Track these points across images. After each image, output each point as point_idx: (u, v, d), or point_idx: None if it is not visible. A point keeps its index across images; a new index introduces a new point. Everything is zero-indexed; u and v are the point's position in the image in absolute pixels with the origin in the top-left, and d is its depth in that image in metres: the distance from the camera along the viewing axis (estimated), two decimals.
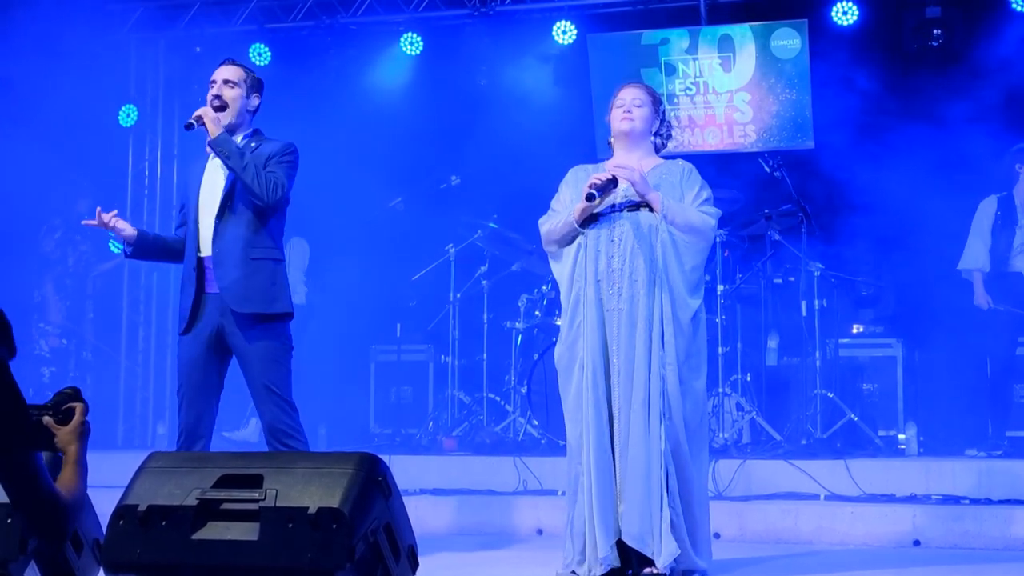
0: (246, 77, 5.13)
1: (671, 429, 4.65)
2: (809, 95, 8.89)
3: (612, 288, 4.76)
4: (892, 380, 8.08)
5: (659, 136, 5.02)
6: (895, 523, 6.00)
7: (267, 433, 4.93)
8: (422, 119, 9.30)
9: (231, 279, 4.89)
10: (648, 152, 4.97)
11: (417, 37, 9.38)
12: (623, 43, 9.27)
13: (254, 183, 4.85)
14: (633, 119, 4.90)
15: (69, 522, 2.82)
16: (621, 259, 4.77)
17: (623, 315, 4.73)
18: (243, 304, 4.88)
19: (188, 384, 4.96)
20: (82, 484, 2.94)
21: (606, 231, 4.81)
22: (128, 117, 9.62)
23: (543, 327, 8.10)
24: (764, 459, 6.81)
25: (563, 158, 5.47)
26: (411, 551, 3.52)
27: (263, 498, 3.31)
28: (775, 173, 7.50)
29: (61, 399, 3.04)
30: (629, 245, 4.77)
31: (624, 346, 4.71)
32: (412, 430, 8.48)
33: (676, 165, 4.95)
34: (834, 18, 8.70)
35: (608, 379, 4.72)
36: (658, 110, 5.00)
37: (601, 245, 4.80)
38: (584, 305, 4.78)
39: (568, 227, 4.83)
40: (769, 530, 6.14)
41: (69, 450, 2.98)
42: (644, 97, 4.95)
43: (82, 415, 3.02)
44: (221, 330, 4.93)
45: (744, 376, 7.68)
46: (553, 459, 6.81)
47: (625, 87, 5.02)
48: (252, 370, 4.89)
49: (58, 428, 2.98)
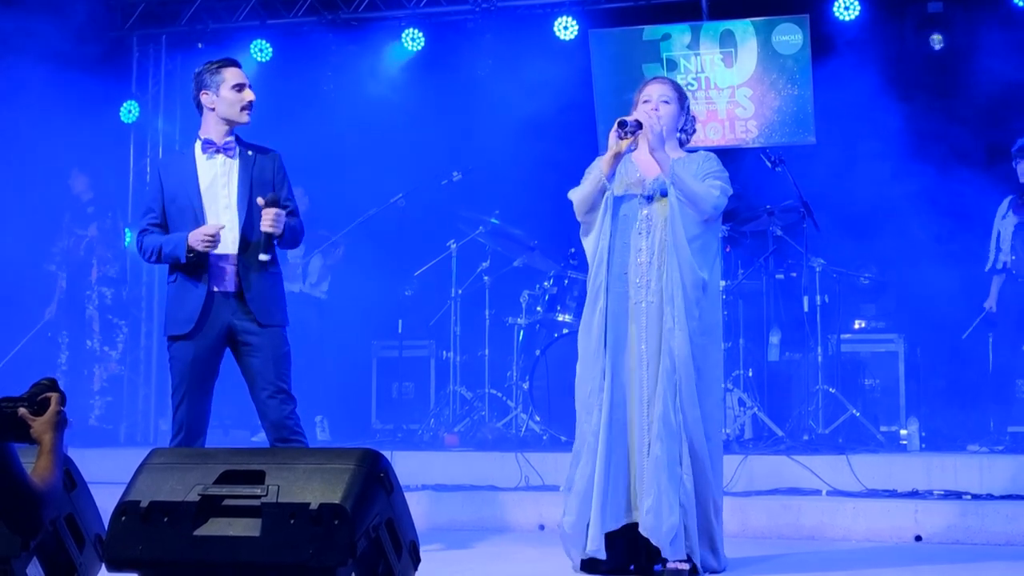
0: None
1: (691, 422, 4.67)
2: (811, 91, 8.88)
3: (640, 281, 4.79)
4: (894, 375, 8.08)
5: (684, 132, 5.04)
6: (897, 518, 5.99)
7: (275, 429, 4.95)
8: (424, 115, 9.29)
9: (257, 289, 4.97)
10: (673, 148, 4.97)
11: (419, 33, 9.37)
12: (625, 39, 9.26)
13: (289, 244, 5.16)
14: (660, 115, 4.89)
15: (43, 512, 2.81)
16: (648, 252, 4.79)
17: (652, 307, 4.75)
18: (267, 316, 4.98)
19: (191, 383, 4.96)
20: (57, 474, 2.93)
21: (635, 224, 4.82)
22: (129, 113, 9.62)
23: (545, 323, 8.10)
24: (766, 454, 6.81)
25: (565, 154, 5.48)
26: (413, 547, 3.53)
27: (265, 494, 3.32)
28: (777, 168, 7.49)
29: (37, 390, 3.04)
30: (658, 239, 4.78)
31: (652, 339, 4.73)
32: (414, 426, 8.49)
33: (696, 156, 4.99)
34: (836, 14, 8.69)
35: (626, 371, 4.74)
36: (684, 106, 5.01)
37: (631, 237, 4.82)
38: (608, 295, 4.79)
39: (597, 184, 4.80)
40: (771, 525, 6.14)
41: (44, 440, 2.98)
42: (671, 94, 4.96)
43: (57, 405, 3.01)
44: (232, 330, 4.96)
45: (746, 372, 7.68)
46: (555, 455, 6.81)
47: (651, 82, 5.04)
48: (267, 370, 4.94)
49: (33, 419, 2.98)
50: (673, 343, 4.69)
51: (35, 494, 2.78)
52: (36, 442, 2.99)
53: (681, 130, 5.02)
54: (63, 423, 3.03)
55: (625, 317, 4.79)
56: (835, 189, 8.27)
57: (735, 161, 8.62)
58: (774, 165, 7.51)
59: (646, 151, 4.92)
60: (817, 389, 7.47)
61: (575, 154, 5.05)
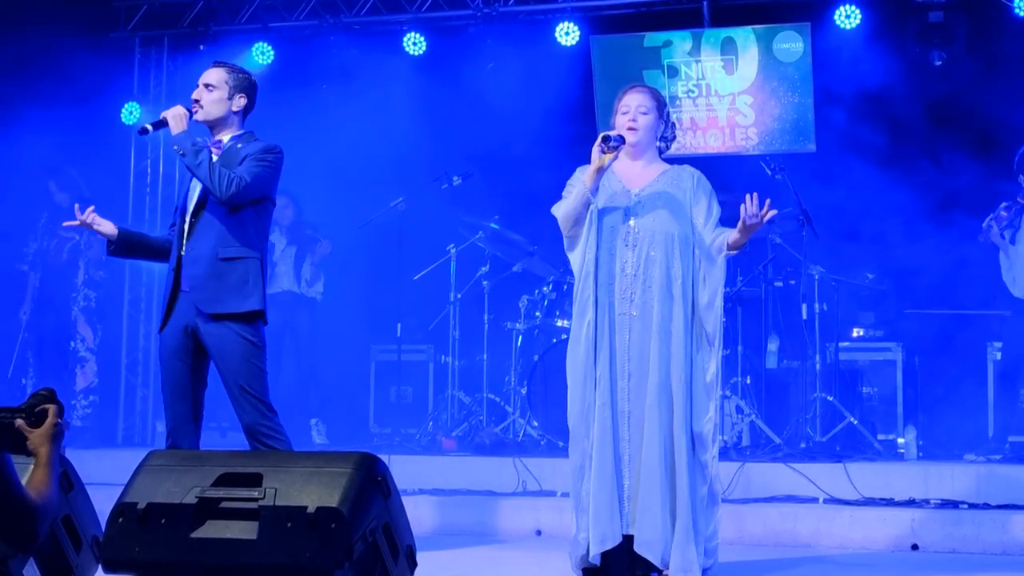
0: (228, 79, 5.10)
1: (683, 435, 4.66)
2: (811, 98, 8.89)
3: (625, 293, 4.76)
4: (892, 384, 8.08)
5: (664, 140, 4.99)
6: (894, 527, 6.00)
7: (247, 435, 4.91)
8: (424, 119, 9.29)
9: (199, 278, 4.90)
10: (653, 158, 4.95)
11: (420, 37, 9.38)
12: (626, 45, 9.27)
13: (207, 179, 4.85)
14: (638, 128, 4.84)
15: (39, 525, 2.78)
16: (635, 265, 4.76)
17: (635, 321, 4.73)
18: (209, 304, 4.88)
19: (166, 382, 4.98)
20: (53, 487, 2.89)
21: (619, 235, 4.79)
22: (131, 115, 9.62)
23: (543, 328, 8.10)
24: (763, 462, 6.81)
25: (565, 160, 5.46)
26: (409, 551, 3.53)
27: (262, 497, 3.32)
28: (776, 176, 7.49)
29: (35, 400, 3.00)
30: (644, 251, 4.77)
31: (636, 352, 4.71)
32: (412, 430, 8.49)
33: (685, 172, 4.92)
34: (837, 21, 8.69)
35: (614, 383, 4.72)
36: (663, 114, 4.95)
37: (616, 248, 4.79)
38: (596, 307, 4.76)
39: (581, 198, 4.74)
40: (768, 533, 6.14)
41: (40, 452, 2.94)
42: (649, 103, 4.89)
43: (55, 417, 2.97)
44: (195, 329, 4.92)
45: (744, 379, 7.68)
46: (553, 460, 6.81)
47: (629, 91, 4.94)
48: (226, 371, 4.88)
49: (30, 430, 2.94)
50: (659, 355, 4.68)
51: (31, 507, 2.75)
52: (32, 454, 2.95)
53: (660, 138, 4.96)
54: (60, 435, 2.99)
55: (612, 328, 4.77)
56: (835, 197, 8.28)
57: (735, 168, 8.64)
58: (774, 172, 7.51)
59: (627, 161, 4.90)
60: (815, 397, 7.47)
61: (576, 160, 5.02)
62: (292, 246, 8.94)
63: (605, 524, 4.61)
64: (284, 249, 8.92)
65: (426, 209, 8.61)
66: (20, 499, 2.72)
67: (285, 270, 8.88)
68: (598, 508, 4.62)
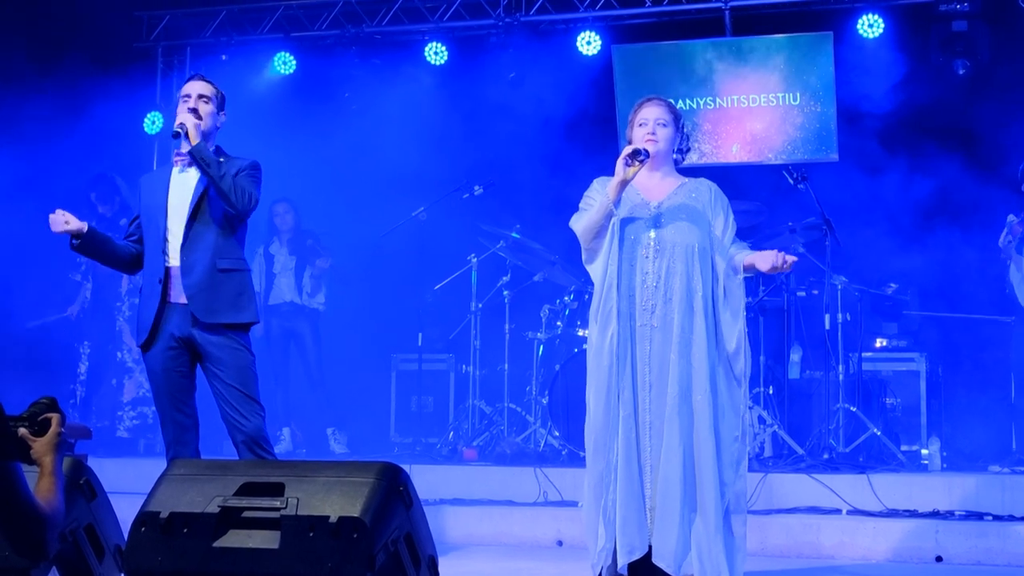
0: (216, 93, 5.15)
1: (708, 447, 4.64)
2: (834, 107, 8.86)
3: (645, 304, 4.75)
4: (915, 394, 8.03)
5: (680, 152, 5.00)
6: (918, 539, 5.96)
7: (246, 442, 4.90)
8: (446, 129, 9.31)
9: (199, 289, 4.92)
10: (670, 170, 4.95)
11: (442, 47, 9.40)
12: (648, 54, 9.26)
13: (231, 192, 4.91)
14: (657, 140, 4.84)
15: (49, 535, 2.76)
16: (656, 276, 4.76)
17: (656, 332, 4.72)
18: (210, 315, 4.91)
19: (163, 396, 4.99)
20: (60, 496, 2.87)
21: (641, 247, 4.79)
22: (153, 124, 9.67)
23: (565, 338, 8.08)
24: (786, 472, 6.77)
25: (587, 169, 5.45)
26: (431, 561, 3.52)
27: (284, 506, 3.32)
28: (799, 185, 7.47)
29: (37, 409, 2.98)
30: (665, 263, 4.76)
31: (657, 363, 4.70)
32: (432, 439, 8.49)
33: (703, 185, 4.93)
34: (860, 31, 8.67)
35: (636, 394, 4.71)
36: (679, 126, 4.96)
37: (636, 260, 4.79)
38: (617, 318, 4.75)
39: (604, 210, 4.73)
40: (791, 544, 6.11)
41: (44, 461, 2.91)
42: (667, 116, 4.89)
43: (58, 426, 2.95)
44: (191, 340, 4.94)
45: (767, 389, 7.64)
46: (574, 470, 6.79)
47: (646, 104, 4.94)
48: (228, 379, 4.90)
49: (33, 440, 2.92)
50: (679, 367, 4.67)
51: (42, 516, 2.73)
52: (35, 463, 2.92)
53: (677, 150, 4.97)
54: (63, 445, 2.98)
55: (632, 339, 4.76)
56: (857, 207, 8.25)
57: (757, 177, 8.62)
58: (796, 182, 7.49)
59: (645, 173, 4.88)
60: (838, 407, 7.43)
61: (597, 170, 5.02)
62: (292, 256, 8.91)
63: (633, 534, 4.61)
64: (284, 260, 8.89)
65: (447, 219, 8.62)
66: (31, 508, 2.70)
67: (286, 281, 8.85)
68: (625, 519, 4.61)
